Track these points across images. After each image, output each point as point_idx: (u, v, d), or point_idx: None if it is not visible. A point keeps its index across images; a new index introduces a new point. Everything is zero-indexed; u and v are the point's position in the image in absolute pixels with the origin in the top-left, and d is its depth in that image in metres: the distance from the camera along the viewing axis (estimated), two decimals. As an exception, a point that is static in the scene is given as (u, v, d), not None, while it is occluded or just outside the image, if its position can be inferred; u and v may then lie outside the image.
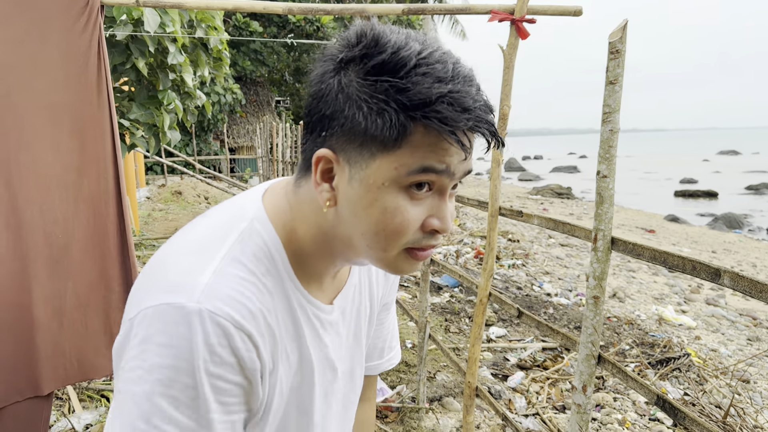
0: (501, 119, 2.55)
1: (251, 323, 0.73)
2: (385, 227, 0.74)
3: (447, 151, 0.71)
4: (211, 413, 0.70)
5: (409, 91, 0.68)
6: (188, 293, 0.69)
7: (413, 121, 0.69)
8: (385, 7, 2.43)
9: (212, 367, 0.69)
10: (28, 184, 2.14)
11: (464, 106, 0.69)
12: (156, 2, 2.26)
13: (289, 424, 0.88)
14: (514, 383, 4.25)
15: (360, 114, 0.70)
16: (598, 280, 1.98)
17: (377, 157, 0.71)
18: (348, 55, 0.72)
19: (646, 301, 7.31)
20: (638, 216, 18.09)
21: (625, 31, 1.90)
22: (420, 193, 0.73)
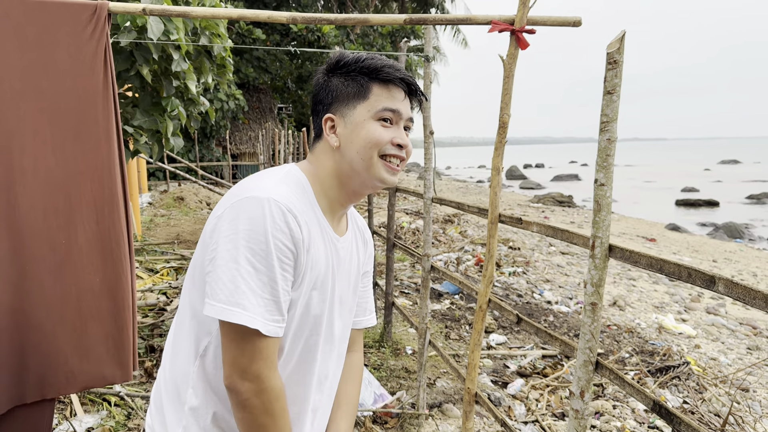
0: (501, 127, 2.58)
1: (297, 210, 1.16)
2: (368, 140, 1.25)
3: (394, 97, 1.28)
4: (274, 263, 1.12)
5: (367, 66, 1.27)
6: (259, 191, 1.14)
7: (371, 80, 1.27)
8: (388, 17, 2.46)
9: (275, 232, 1.12)
10: (31, 188, 2.15)
11: (396, 69, 1.28)
12: (162, 11, 2.29)
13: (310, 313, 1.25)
14: (514, 390, 4.26)
15: (343, 86, 1.29)
16: (595, 286, 2.00)
17: (357, 106, 1.27)
18: (331, 67, 1.32)
19: (646, 309, 7.32)
20: (639, 225, 18.09)
21: (623, 42, 1.93)
22: (386, 124, 1.27)
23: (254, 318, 1.09)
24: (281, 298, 1.14)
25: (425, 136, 3.53)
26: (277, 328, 1.14)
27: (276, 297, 1.13)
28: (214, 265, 1.12)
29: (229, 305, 1.09)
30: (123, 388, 3.77)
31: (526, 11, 2.40)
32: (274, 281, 1.12)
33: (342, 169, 1.28)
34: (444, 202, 3.45)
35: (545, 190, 30.70)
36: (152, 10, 2.26)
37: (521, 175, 44.08)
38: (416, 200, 17.19)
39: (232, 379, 1.13)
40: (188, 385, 1.25)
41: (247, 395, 1.13)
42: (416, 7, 26.76)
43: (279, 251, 1.12)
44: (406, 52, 4.36)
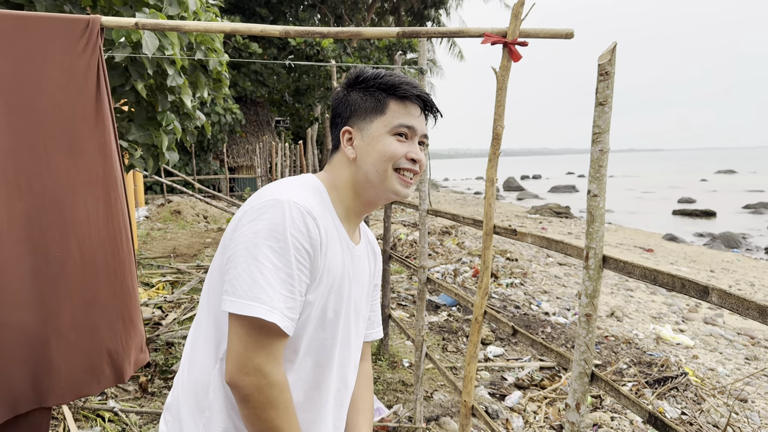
0: (495, 139, 2.58)
1: (316, 212, 1.21)
2: (383, 154, 1.30)
3: (410, 113, 1.33)
4: (292, 261, 1.15)
5: (385, 82, 1.33)
6: (280, 194, 1.19)
7: (389, 96, 1.33)
8: (381, 30, 2.47)
9: (294, 231, 1.15)
10: (26, 202, 2.16)
11: (413, 86, 1.34)
12: (155, 25, 2.30)
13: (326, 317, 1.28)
14: (512, 403, 4.24)
15: (362, 101, 1.34)
16: (590, 297, 2.00)
17: (374, 121, 1.33)
18: (350, 82, 1.38)
19: (644, 320, 7.30)
20: (636, 235, 18.10)
21: (614, 54, 1.94)
22: (401, 138, 1.32)
23: (273, 312, 1.11)
24: (297, 296, 1.17)
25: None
26: (291, 325, 1.16)
27: (293, 294, 1.16)
28: (234, 263, 1.15)
29: (248, 300, 1.11)
30: (117, 404, 3.74)
31: (518, 24, 2.42)
32: (292, 278, 1.15)
33: (358, 180, 1.33)
34: (439, 213, 3.45)
35: (543, 201, 30.73)
36: (145, 24, 2.27)
37: (519, 186, 44.15)
38: (413, 212, 17.19)
39: (232, 374, 1.13)
40: (208, 390, 1.25)
41: (249, 390, 1.13)
42: (412, 20, 26.94)
43: (297, 250, 1.16)
44: (401, 65, 4.38)
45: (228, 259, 1.18)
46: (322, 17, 24.20)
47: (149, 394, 4.07)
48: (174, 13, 3.27)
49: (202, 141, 20.82)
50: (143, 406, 3.86)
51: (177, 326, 5.34)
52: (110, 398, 3.88)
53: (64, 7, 3.08)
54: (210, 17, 4.05)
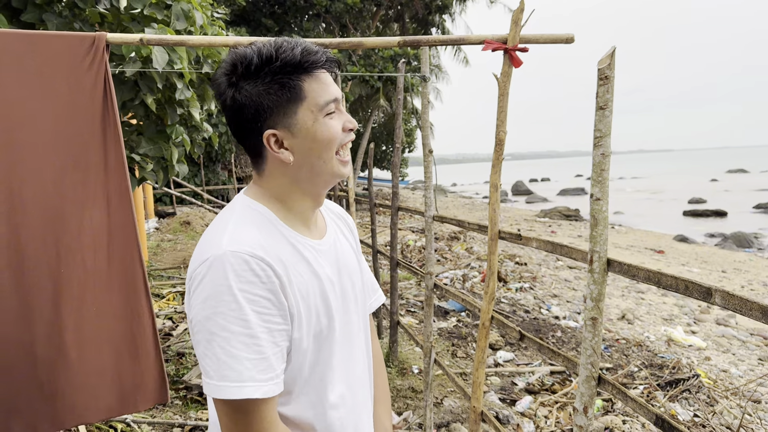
0: (498, 144, 2.60)
1: (263, 251, 1.08)
2: (326, 141, 1.16)
3: (326, 83, 1.15)
4: (250, 319, 1.04)
5: (285, 62, 1.11)
6: (216, 248, 1.07)
7: (298, 76, 1.12)
8: (382, 40, 2.51)
9: (242, 285, 1.04)
10: (31, 218, 2.17)
11: (311, 51, 1.13)
12: (159, 40, 2.34)
13: (321, 324, 1.19)
14: (522, 408, 4.24)
15: (269, 95, 1.12)
16: (595, 301, 2.01)
17: (297, 111, 1.14)
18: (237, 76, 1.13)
19: (655, 322, 7.27)
20: (647, 237, 18.02)
21: (614, 58, 1.96)
22: (331, 114, 1.16)
23: (243, 387, 1.03)
24: (269, 351, 1.06)
25: (425, 154, 3.56)
26: (273, 385, 1.07)
27: (263, 353, 1.05)
28: (197, 342, 1.07)
29: (218, 380, 1.03)
30: (130, 415, 3.77)
31: (518, 30, 2.44)
32: (256, 337, 1.05)
33: (302, 179, 1.19)
34: (445, 219, 3.47)
35: (551, 204, 30.65)
36: (150, 40, 2.31)
37: (527, 189, 44.04)
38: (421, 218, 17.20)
39: None
40: None
41: None
42: (417, 27, 27.01)
43: (253, 303, 1.05)
44: (404, 72, 4.42)
45: (194, 342, 1.09)
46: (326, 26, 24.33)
47: (161, 404, 4.10)
48: (181, 27, 3.32)
49: (210, 152, 20.94)
50: (155, 417, 3.89)
51: (187, 336, 5.37)
52: (123, 409, 3.92)
53: (74, 24, 3.13)
54: (216, 30, 4.11)
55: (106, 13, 3.12)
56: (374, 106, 23.97)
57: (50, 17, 2.91)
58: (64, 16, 3.08)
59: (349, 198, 6.29)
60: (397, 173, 4.80)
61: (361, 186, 25.99)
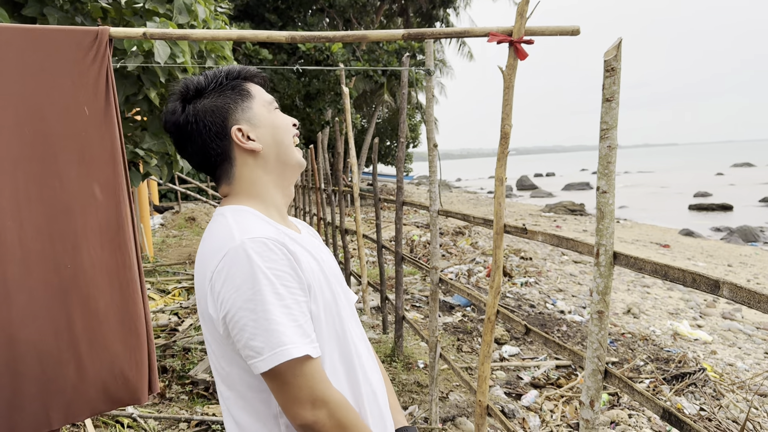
0: (503, 138, 2.59)
1: (276, 235, 1.19)
2: (283, 126, 1.34)
3: (261, 89, 1.37)
4: (281, 292, 1.13)
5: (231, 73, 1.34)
6: (230, 242, 1.16)
7: (242, 81, 1.34)
8: (386, 33, 2.49)
9: (268, 264, 1.13)
10: (36, 213, 2.17)
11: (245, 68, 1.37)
12: (163, 34, 2.33)
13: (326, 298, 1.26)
14: (528, 402, 4.23)
15: (224, 100, 1.30)
16: (601, 295, 2.00)
17: (252, 107, 1.32)
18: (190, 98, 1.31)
19: (661, 316, 7.25)
20: (652, 231, 17.97)
21: (620, 50, 1.94)
22: (277, 110, 1.37)
23: (297, 346, 1.11)
24: (301, 320, 1.15)
25: (429, 149, 3.55)
26: (314, 347, 1.15)
27: (297, 321, 1.14)
28: (240, 328, 1.12)
29: (274, 349, 1.10)
30: (136, 410, 3.78)
31: (523, 22, 2.42)
32: (290, 308, 1.13)
33: (270, 169, 1.33)
34: (450, 214, 3.45)
35: (556, 199, 30.57)
36: (153, 34, 2.30)
37: (532, 184, 43.99)
38: (426, 213, 17.19)
39: (301, 416, 1.12)
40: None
41: (323, 422, 1.13)
42: (421, 21, 26.94)
43: (279, 279, 1.14)
44: (408, 66, 4.40)
45: (227, 330, 1.16)
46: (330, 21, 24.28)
47: (167, 399, 4.11)
48: (184, 21, 3.31)
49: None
50: (161, 411, 3.90)
51: (193, 332, 5.38)
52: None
53: (76, 18, 3.13)
54: (219, 25, 4.10)
55: (108, 8, 3.11)
56: (378, 101, 23.94)
57: (52, 11, 2.90)
58: (65, 10, 3.07)
59: (353, 193, 6.28)
60: (401, 168, 4.79)
61: (366, 181, 25.98)
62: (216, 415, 3.78)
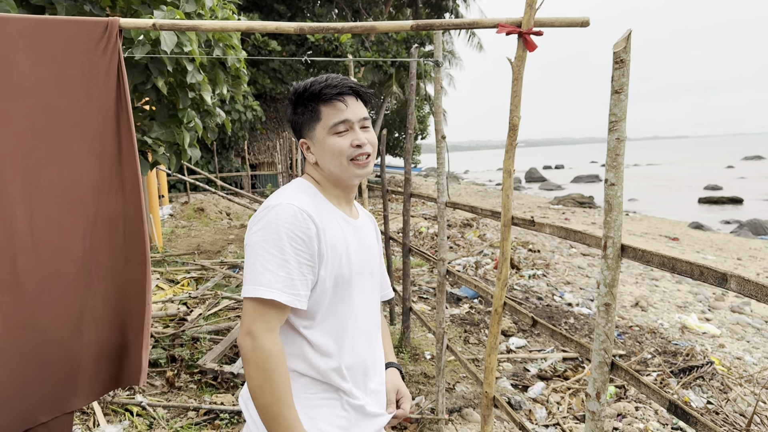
0: (511, 130, 2.57)
1: (308, 207, 1.49)
2: (333, 153, 1.57)
3: (339, 110, 1.57)
4: (286, 248, 1.44)
5: (311, 92, 1.58)
6: (274, 201, 1.51)
7: (318, 103, 1.58)
8: (395, 24, 2.47)
9: (286, 224, 1.45)
10: (47, 203, 2.18)
11: (332, 86, 1.57)
12: (172, 25, 2.33)
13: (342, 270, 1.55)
14: (535, 394, 4.23)
15: (302, 115, 1.62)
16: (609, 287, 1.99)
17: (316, 128, 1.59)
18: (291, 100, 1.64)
19: (669, 309, 7.22)
20: (662, 224, 17.88)
21: (629, 41, 1.93)
22: (341, 133, 1.57)
23: (270, 290, 1.41)
24: (296, 276, 1.44)
25: (437, 140, 3.54)
26: (294, 298, 1.44)
27: (290, 275, 1.43)
28: (246, 262, 1.48)
29: (251, 284, 1.42)
30: (145, 398, 3.81)
31: (533, 13, 2.40)
32: (288, 262, 1.43)
33: (327, 176, 1.63)
34: (458, 206, 3.45)
35: (565, 191, 30.46)
36: (162, 25, 2.30)
37: (540, 176, 43.81)
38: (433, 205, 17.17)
39: (239, 339, 1.43)
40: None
41: (245, 350, 1.41)
42: (430, 12, 26.82)
43: (291, 239, 1.44)
44: (417, 57, 4.38)
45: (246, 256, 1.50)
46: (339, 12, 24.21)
47: (176, 388, 4.14)
48: (191, 10, 3.31)
49: (223, 139, 20.98)
50: (170, 400, 3.93)
51: (202, 321, 5.41)
52: (138, 393, 3.96)
53: (84, 7, 3.13)
54: (227, 14, 4.09)
55: (117, -3, 3.11)
56: (387, 92, 23.87)
57: (60, 0, 2.90)
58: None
59: (361, 185, 6.27)
60: (409, 160, 4.77)
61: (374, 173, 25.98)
62: (224, 404, 3.81)
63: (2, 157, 2.10)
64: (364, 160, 1.58)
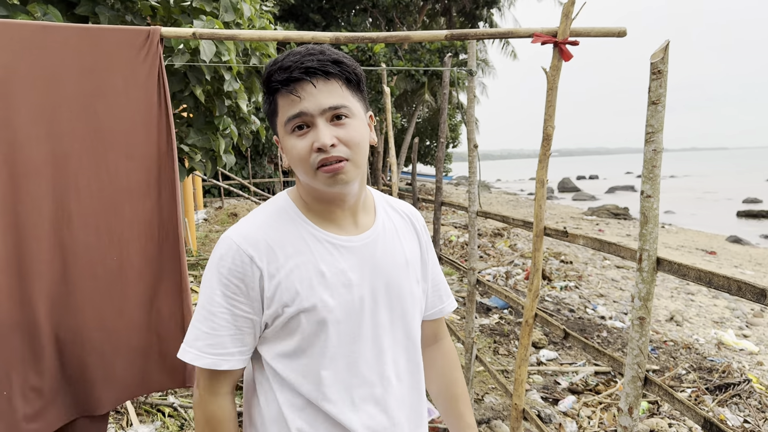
0: (545, 140, 2.56)
1: (250, 244, 1.17)
2: (293, 159, 1.18)
3: (293, 100, 1.14)
4: (216, 298, 1.17)
5: (264, 79, 1.17)
6: (228, 232, 1.21)
7: (272, 94, 1.17)
8: (430, 33, 2.49)
9: (221, 268, 1.17)
10: (85, 206, 2.23)
11: (283, 67, 1.13)
12: (212, 35, 2.38)
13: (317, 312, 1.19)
14: (565, 407, 4.18)
15: (265, 108, 1.21)
16: (643, 300, 1.96)
17: (276, 125, 1.20)
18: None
19: (705, 324, 7.05)
20: (698, 237, 17.48)
21: (667, 52, 1.91)
22: (301, 132, 1.15)
23: (188, 351, 1.19)
24: (224, 332, 1.18)
25: (469, 149, 3.53)
26: (217, 360, 1.18)
27: (216, 330, 1.18)
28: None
29: (185, 341, 1.22)
30: (177, 399, 3.87)
31: (568, 23, 2.39)
32: (214, 315, 1.18)
33: (307, 186, 1.23)
34: (489, 215, 3.43)
35: (599, 202, 29.99)
36: (202, 34, 2.35)
37: (574, 187, 43.24)
38: (465, 214, 17.07)
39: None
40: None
41: (194, 407, 1.26)
42: (464, 21, 26.78)
43: (222, 286, 1.18)
44: (450, 66, 4.39)
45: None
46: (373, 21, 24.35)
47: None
48: (230, 19, 3.37)
49: (257, 145, 21.25)
50: (201, 402, 3.98)
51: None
52: (170, 394, 4.02)
53: (126, 17, 3.22)
54: (264, 23, 4.16)
55: (157, 6, 3.19)
56: (419, 100, 23.90)
57: (103, 10, 2.99)
58: (116, 8, 3.16)
59: (392, 193, 6.29)
60: (441, 168, 4.78)
61: (405, 181, 25.98)
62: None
63: (45, 160, 2.17)
64: (333, 165, 1.13)
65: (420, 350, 1.38)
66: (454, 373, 1.54)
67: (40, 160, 2.16)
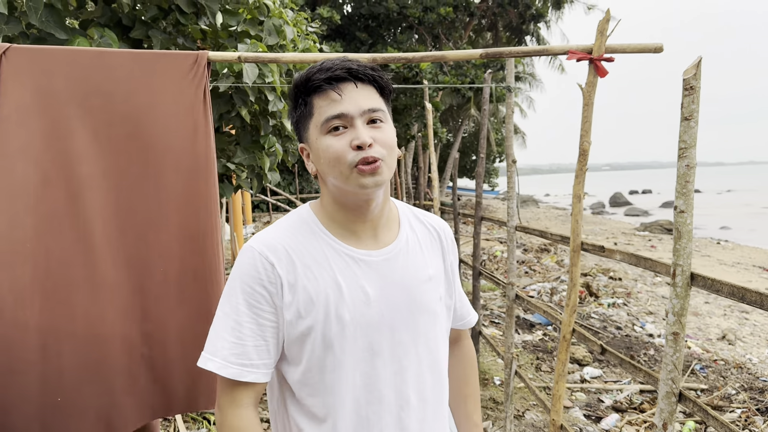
0: (581, 155, 2.58)
1: (270, 251, 1.20)
2: (327, 159, 1.17)
3: (333, 101, 1.17)
4: (240, 307, 1.19)
5: (299, 82, 1.21)
6: (250, 242, 1.23)
7: (309, 94, 1.20)
8: (465, 53, 2.55)
9: (245, 277, 1.20)
10: (135, 221, 2.35)
11: (324, 68, 1.18)
12: (256, 58, 2.50)
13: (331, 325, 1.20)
14: (608, 425, 4.11)
15: (297, 111, 1.24)
16: (677, 316, 1.96)
17: (309, 127, 1.22)
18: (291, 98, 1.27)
19: (759, 344, 6.81)
20: (756, 254, 16.84)
21: (699, 68, 1.92)
22: (337, 132, 1.17)
23: (212, 360, 1.18)
24: (250, 342, 1.18)
25: (508, 164, 3.56)
26: (243, 370, 1.17)
27: (242, 340, 1.18)
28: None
29: (206, 350, 1.21)
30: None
31: (604, 40, 2.42)
32: (240, 324, 1.18)
33: (334, 191, 1.23)
34: (527, 230, 3.45)
35: (653, 218, 29.21)
36: (247, 58, 2.47)
37: (626, 201, 42.27)
38: (512, 229, 16.90)
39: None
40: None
41: (216, 420, 1.24)
42: (510, 35, 26.71)
43: (246, 294, 1.19)
44: (491, 82, 4.43)
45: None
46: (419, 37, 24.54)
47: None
48: (273, 42, 3.50)
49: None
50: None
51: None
52: (216, 403, 4.14)
53: (178, 39, 3.38)
54: (308, 44, 4.29)
55: (206, 30, 3.35)
56: (465, 115, 23.90)
57: (156, 33, 3.16)
58: (168, 32, 3.33)
59: (434, 208, 6.34)
60: (480, 183, 4.80)
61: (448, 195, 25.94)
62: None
63: (101, 175, 2.30)
64: (371, 165, 1.14)
65: (446, 370, 1.37)
66: (467, 372, 1.57)
67: (95, 176, 2.30)
